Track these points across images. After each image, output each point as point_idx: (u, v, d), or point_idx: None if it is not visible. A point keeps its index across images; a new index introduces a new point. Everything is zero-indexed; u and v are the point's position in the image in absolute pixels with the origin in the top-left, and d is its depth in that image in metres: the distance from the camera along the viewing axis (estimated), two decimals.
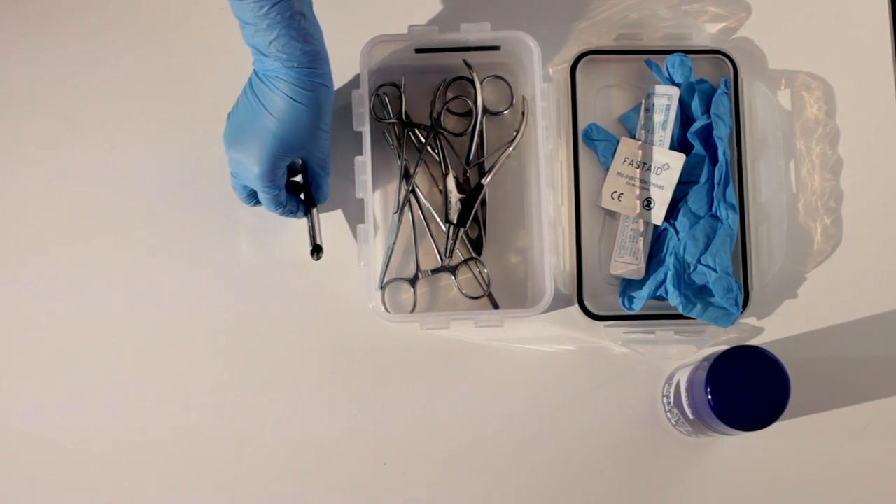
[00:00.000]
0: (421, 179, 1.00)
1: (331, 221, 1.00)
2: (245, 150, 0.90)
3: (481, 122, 1.00)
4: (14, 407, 0.97)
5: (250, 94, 0.89)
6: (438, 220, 1.00)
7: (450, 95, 1.02)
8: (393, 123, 1.00)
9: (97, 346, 0.98)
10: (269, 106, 0.88)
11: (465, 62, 0.99)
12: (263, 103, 0.88)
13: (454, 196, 0.99)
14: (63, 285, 0.99)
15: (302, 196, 0.97)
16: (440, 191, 1.00)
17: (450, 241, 0.98)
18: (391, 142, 1.01)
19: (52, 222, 1.00)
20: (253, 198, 0.96)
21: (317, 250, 0.97)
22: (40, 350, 0.98)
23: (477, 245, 1.00)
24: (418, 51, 1.00)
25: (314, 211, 0.98)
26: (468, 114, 1.01)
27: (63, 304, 0.99)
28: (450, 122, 1.01)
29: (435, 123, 1.00)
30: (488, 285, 0.99)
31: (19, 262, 1.00)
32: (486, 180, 0.99)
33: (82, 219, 1.00)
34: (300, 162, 0.96)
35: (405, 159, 1.00)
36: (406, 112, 1.00)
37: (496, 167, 0.99)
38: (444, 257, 0.99)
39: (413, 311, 0.98)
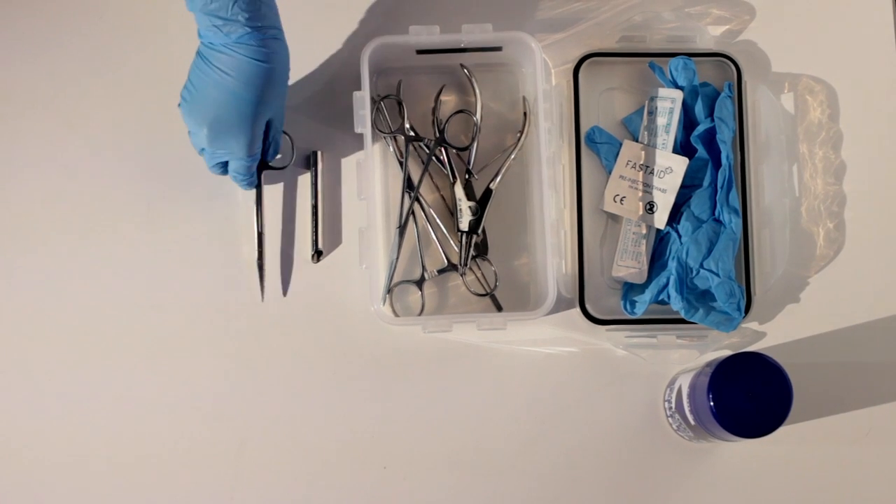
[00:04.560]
0: (424, 185, 1.00)
1: (333, 223, 1.00)
2: (226, 125, 0.88)
3: (480, 129, 0.99)
4: (14, 406, 0.97)
5: (209, 69, 0.86)
6: (440, 223, 0.99)
7: (451, 98, 1.01)
8: (396, 136, 0.99)
9: (96, 346, 0.98)
10: (236, 73, 0.86)
11: (466, 71, 0.99)
12: (228, 72, 0.86)
13: (465, 203, 0.98)
14: (62, 284, 0.99)
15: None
16: (443, 196, 1.00)
17: (463, 250, 0.98)
18: (393, 151, 1.00)
19: (51, 222, 1.00)
20: (224, 168, 0.95)
21: (317, 254, 0.98)
22: (39, 349, 0.98)
23: (481, 249, 0.99)
24: (419, 52, 1.00)
25: (318, 213, 0.98)
26: (464, 112, 1.01)
27: (63, 304, 0.98)
28: (451, 128, 1.00)
29: (440, 137, 0.99)
30: (496, 282, 0.98)
31: (19, 261, 0.99)
32: (494, 184, 0.99)
33: (82, 218, 1.00)
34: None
35: (408, 168, 0.99)
36: (409, 124, 0.99)
37: (503, 171, 0.99)
38: (451, 263, 0.98)
39: (421, 313, 0.98)
